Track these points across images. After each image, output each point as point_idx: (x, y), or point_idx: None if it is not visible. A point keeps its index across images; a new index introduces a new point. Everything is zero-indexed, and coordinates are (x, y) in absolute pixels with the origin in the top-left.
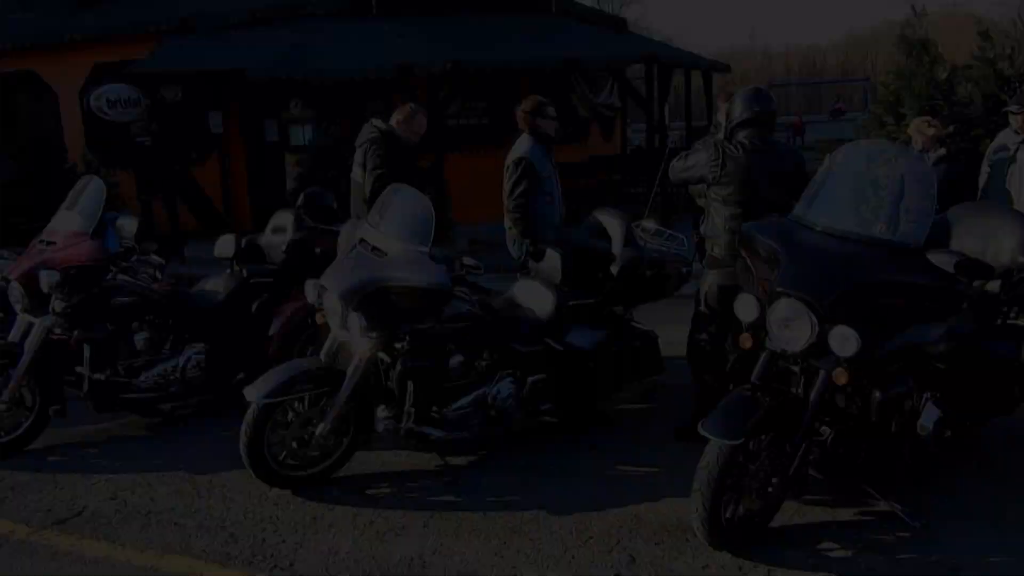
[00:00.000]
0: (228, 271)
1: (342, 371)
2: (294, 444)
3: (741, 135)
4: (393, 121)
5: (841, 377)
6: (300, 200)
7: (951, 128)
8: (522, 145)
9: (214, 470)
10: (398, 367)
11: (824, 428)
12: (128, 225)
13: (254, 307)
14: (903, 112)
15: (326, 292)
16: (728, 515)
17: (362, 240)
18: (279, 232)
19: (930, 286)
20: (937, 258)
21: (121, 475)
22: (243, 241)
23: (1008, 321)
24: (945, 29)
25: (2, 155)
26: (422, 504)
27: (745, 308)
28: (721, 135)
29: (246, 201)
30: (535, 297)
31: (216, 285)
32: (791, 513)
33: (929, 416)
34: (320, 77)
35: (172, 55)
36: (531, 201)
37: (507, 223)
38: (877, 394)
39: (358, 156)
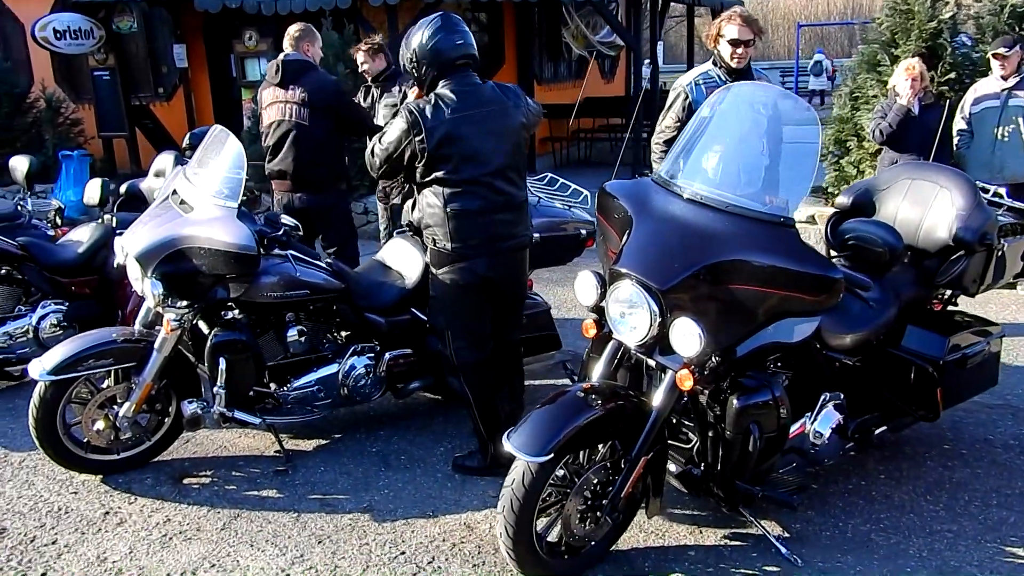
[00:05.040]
0: (97, 220)
1: None
2: (99, 425)
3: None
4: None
5: (685, 381)
6: (185, 140)
7: (952, 75)
8: (692, 72)
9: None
10: (209, 341)
11: (691, 435)
12: (20, 166)
13: (116, 262)
14: (898, 54)
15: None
16: (554, 537)
17: (175, 191)
18: (161, 177)
19: (796, 272)
20: (852, 227)
21: None
22: (123, 186)
23: (948, 307)
24: None
25: None
26: (234, 500)
27: (585, 289)
28: None
29: None
30: (404, 260)
31: (81, 235)
32: (651, 532)
33: (825, 422)
34: (273, 7)
35: None
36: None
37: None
38: (734, 401)
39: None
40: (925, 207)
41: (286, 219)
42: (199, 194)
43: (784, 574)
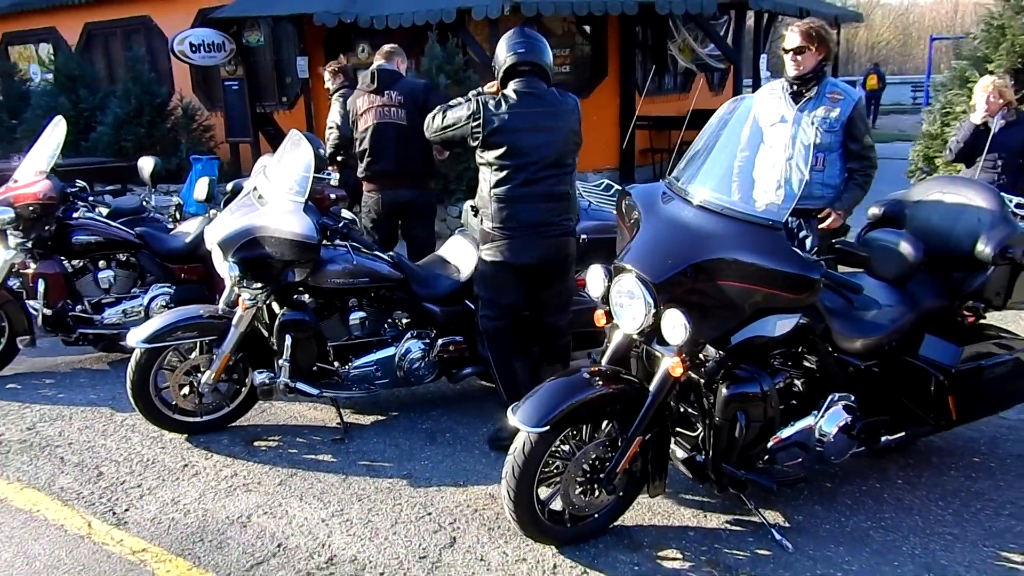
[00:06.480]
0: (205, 214)
1: None
2: (185, 390)
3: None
4: (403, 69)
5: (675, 368)
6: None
7: None
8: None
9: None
10: (277, 319)
11: (698, 424)
12: (147, 166)
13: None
14: (991, 70)
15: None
16: (558, 506)
17: (255, 187)
18: None
19: (777, 271)
20: (876, 236)
21: (53, 407)
22: (229, 185)
23: (980, 320)
24: None
25: (116, 95)
26: (293, 461)
27: (594, 281)
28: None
29: None
30: (460, 255)
31: (189, 227)
32: (657, 512)
33: (832, 421)
34: (384, 21)
35: (254, 0)
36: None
37: None
38: (723, 389)
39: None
40: (953, 220)
41: (345, 213)
42: (274, 189)
43: (775, 558)
